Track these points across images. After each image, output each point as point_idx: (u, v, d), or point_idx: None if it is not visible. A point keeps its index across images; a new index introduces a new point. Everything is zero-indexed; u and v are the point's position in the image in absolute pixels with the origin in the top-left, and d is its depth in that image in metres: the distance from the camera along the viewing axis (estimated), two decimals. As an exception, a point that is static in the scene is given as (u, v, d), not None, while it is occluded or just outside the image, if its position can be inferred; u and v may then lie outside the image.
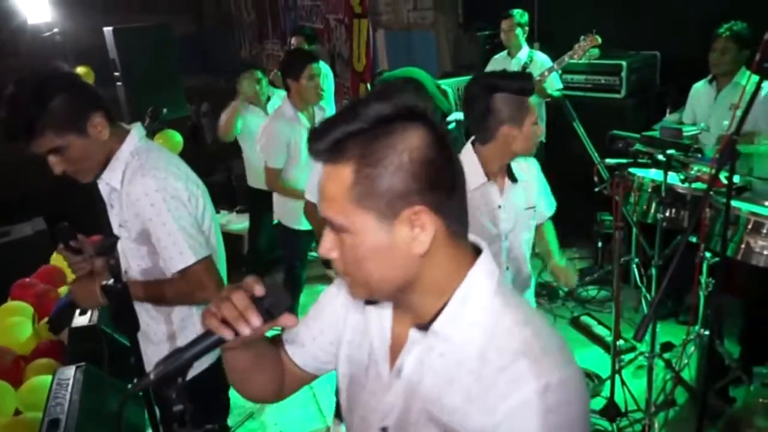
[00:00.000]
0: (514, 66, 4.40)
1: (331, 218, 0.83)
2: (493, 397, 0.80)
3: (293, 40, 4.81)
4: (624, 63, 4.21)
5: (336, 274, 0.93)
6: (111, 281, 1.44)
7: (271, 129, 3.34)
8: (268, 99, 4.07)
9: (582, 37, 3.87)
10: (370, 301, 0.96)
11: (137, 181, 1.63)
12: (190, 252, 1.66)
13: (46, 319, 3.27)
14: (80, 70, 4.92)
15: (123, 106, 6.78)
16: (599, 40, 3.84)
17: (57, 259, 3.85)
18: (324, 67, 4.00)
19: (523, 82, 1.87)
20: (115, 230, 1.76)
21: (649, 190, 2.66)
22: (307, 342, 1.08)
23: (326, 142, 0.82)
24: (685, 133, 2.60)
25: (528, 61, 4.42)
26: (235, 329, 0.85)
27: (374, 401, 0.95)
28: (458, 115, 2.75)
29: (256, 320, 0.85)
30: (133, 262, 1.75)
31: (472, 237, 0.92)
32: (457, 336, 0.85)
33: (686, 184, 2.55)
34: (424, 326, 0.88)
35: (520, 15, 4.46)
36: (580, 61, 4.07)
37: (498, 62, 4.63)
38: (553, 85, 4.26)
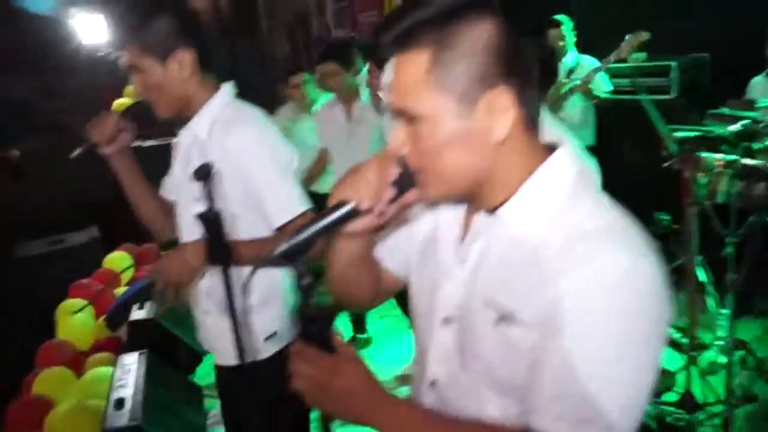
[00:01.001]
0: (560, 71, 4.40)
1: (406, 108, 0.82)
2: (559, 277, 0.77)
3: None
4: (673, 64, 4.18)
5: None
6: (205, 208, 1.37)
7: None
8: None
9: (628, 36, 3.85)
10: (440, 202, 0.95)
11: (235, 130, 1.54)
12: (297, 202, 1.57)
13: (103, 317, 3.29)
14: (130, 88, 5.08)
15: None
16: (646, 36, 3.80)
17: (111, 262, 3.90)
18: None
19: None
20: (191, 192, 1.58)
21: (721, 167, 2.58)
22: (396, 245, 1.07)
23: (397, 32, 0.81)
24: (758, 105, 2.54)
25: (575, 65, 4.41)
26: (368, 202, 0.85)
27: (439, 294, 0.94)
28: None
29: (389, 193, 0.85)
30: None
31: (549, 137, 0.90)
32: (524, 223, 0.84)
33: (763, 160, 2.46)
34: (492, 214, 0.87)
35: (567, 21, 4.47)
36: (626, 65, 4.04)
37: None
38: (600, 86, 4.22)
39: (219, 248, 1.36)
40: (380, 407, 0.83)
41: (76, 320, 3.22)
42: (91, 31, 6.14)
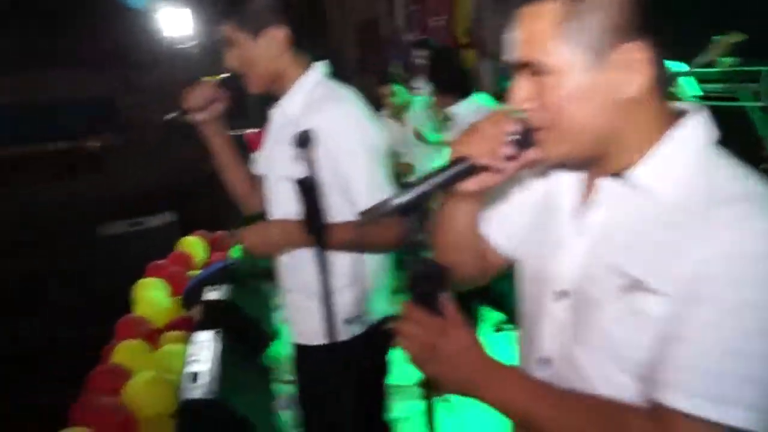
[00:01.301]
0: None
1: (533, 60, 0.79)
2: (701, 242, 0.72)
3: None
4: (765, 69, 3.96)
5: None
6: (304, 175, 1.36)
7: None
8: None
9: (716, 37, 3.68)
10: (560, 165, 0.91)
11: (326, 108, 1.52)
12: (384, 187, 1.53)
13: (179, 297, 3.41)
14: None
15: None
16: (738, 38, 3.62)
17: (185, 244, 4.04)
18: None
19: None
20: (283, 170, 1.61)
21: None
22: (503, 218, 1.02)
23: None
24: None
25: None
26: (487, 158, 0.83)
27: (554, 264, 0.89)
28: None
29: (508, 148, 0.83)
30: (292, 204, 1.54)
31: (679, 103, 0.86)
32: (656, 188, 0.79)
33: None
34: (619, 178, 0.83)
35: None
36: (716, 69, 3.86)
37: None
38: (686, 91, 4.05)
39: (315, 217, 1.36)
40: (488, 374, 0.81)
41: (152, 298, 3.34)
42: (176, 24, 6.37)
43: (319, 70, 1.62)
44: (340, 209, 1.55)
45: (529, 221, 0.98)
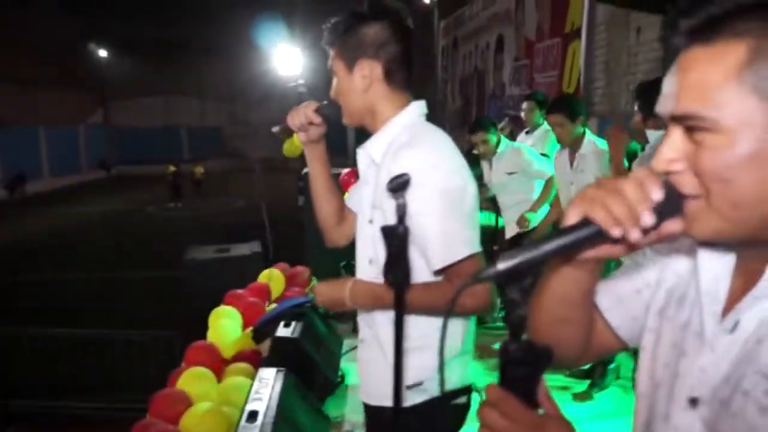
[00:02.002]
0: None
1: (694, 112, 0.64)
2: None
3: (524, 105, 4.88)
4: None
5: None
6: (393, 222, 1.27)
7: None
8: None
9: None
10: (707, 244, 0.73)
11: (404, 155, 1.44)
12: (460, 244, 1.42)
13: (250, 329, 3.40)
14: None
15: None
16: None
17: (265, 277, 4.06)
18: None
19: None
20: (366, 212, 1.60)
21: None
22: (627, 296, 0.85)
23: (704, 15, 0.64)
24: None
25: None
26: (621, 227, 0.65)
27: (687, 366, 0.72)
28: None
29: (648, 218, 0.65)
30: (379, 250, 1.51)
31: None
32: None
33: None
34: None
35: None
36: None
37: None
38: None
39: (396, 269, 1.25)
40: None
41: (225, 327, 3.35)
42: (288, 63, 6.67)
43: (412, 111, 1.55)
44: (420, 267, 1.45)
45: (660, 307, 0.81)
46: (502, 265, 0.64)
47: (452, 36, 13.87)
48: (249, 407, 2.24)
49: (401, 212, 1.21)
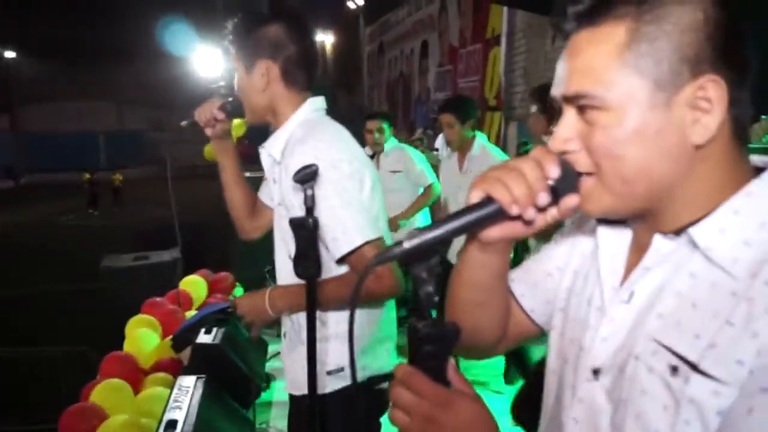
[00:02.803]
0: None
1: (584, 91, 0.67)
2: None
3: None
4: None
5: None
6: (302, 215, 1.27)
7: None
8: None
9: (764, 117, 3.58)
10: (605, 221, 0.76)
11: (297, 151, 1.49)
12: (356, 232, 1.46)
13: (169, 337, 3.27)
14: (237, 121, 5.17)
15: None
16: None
17: (186, 284, 3.93)
18: None
19: None
20: (276, 208, 1.64)
21: None
22: (539, 281, 0.87)
23: (589, 1, 0.67)
24: None
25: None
26: (519, 205, 0.67)
27: (590, 338, 0.74)
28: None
29: (544, 197, 0.67)
30: (292, 245, 1.52)
31: (755, 157, 0.71)
32: (720, 251, 0.64)
33: None
34: (678, 236, 0.68)
35: None
36: (756, 146, 3.74)
37: None
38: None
39: (309, 259, 1.25)
40: None
41: (142, 336, 3.21)
42: (209, 65, 6.51)
43: (307, 108, 1.59)
44: (327, 256, 1.51)
45: (569, 283, 0.83)
46: (407, 244, 0.64)
47: (378, 42, 13.99)
48: (167, 416, 2.14)
49: (309, 203, 1.21)
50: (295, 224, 1.26)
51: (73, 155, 24.29)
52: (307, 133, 1.52)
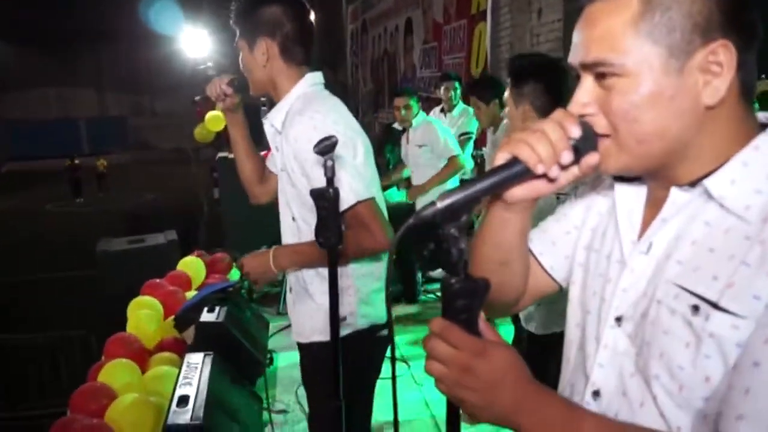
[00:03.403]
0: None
1: (603, 59, 0.72)
2: None
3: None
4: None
5: None
6: (322, 186, 1.35)
7: None
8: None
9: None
10: (621, 179, 0.82)
11: (296, 121, 1.63)
12: (349, 192, 1.59)
13: (171, 317, 3.31)
14: (214, 116, 5.05)
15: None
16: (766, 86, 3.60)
17: (184, 265, 3.96)
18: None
19: None
20: (279, 174, 1.77)
21: None
22: (558, 238, 0.93)
23: None
24: None
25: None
26: (544, 164, 0.72)
27: (611, 289, 0.81)
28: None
29: (567, 155, 0.72)
30: (295, 209, 1.73)
31: (760, 114, 0.77)
32: (733, 199, 0.70)
33: None
34: (693, 188, 0.74)
35: None
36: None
37: None
38: None
39: (331, 228, 1.32)
40: (534, 402, 0.70)
41: (145, 317, 3.25)
42: (196, 45, 6.43)
43: (306, 82, 1.72)
44: None
45: (587, 241, 0.89)
46: (440, 204, 0.69)
47: (361, 20, 13.87)
48: (178, 392, 2.20)
49: (329, 174, 1.27)
50: (316, 195, 1.33)
51: (54, 142, 23.91)
52: (304, 105, 1.66)
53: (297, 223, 1.72)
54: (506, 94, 2.68)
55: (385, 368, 1.69)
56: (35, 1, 19.02)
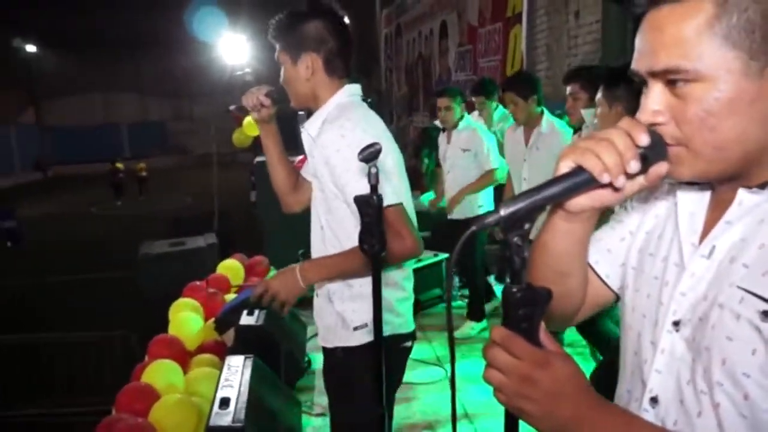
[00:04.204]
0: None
1: (675, 66, 0.69)
2: None
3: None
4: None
5: None
6: (366, 193, 1.35)
7: None
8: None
9: None
10: (689, 183, 0.79)
11: (326, 129, 1.67)
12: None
13: (212, 320, 3.37)
14: (250, 122, 5.13)
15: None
16: None
17: (224, 268, 4.03)
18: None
19: None
20: (313, 181, 1.80)
21: None
22: (613, 246, 0.91)
23: None
24: None
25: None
26: (610, 174, 0.70)
27: (668, 293, 0.78)
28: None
29: (635, 164, 0.69)
30: (322, 215, 1.75)
31: None
32: None
33: None
34: (762, 190, 0.72)
35: None
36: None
37: None
38: None
39: (373, 236, 1.32)
40: (594, 414, 0.69)
41: (186, 319, 3.31)
42: (234, 51, 6.54)
43: (343, 92, 1.75)
44: (352, 223, 1.64)
45: (641, 248, 0.87)
46: (503, 211, 0.67)
47: (395, 24, 13.90)
48: (220, 394, 2.24)
49: (374, 181, 1.27)
50: (360, 201, 1.34)
51: (97, 146, 24.66)
52: (338, 114, 1.69)
53: (324, 232, 1.74)
54: (598, 95, 2.67)
55: (424, 372, 1.69)
56: (77, 8, 19.55)
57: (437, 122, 4.49)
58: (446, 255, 4.48)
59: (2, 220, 11.15)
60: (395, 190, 1.65)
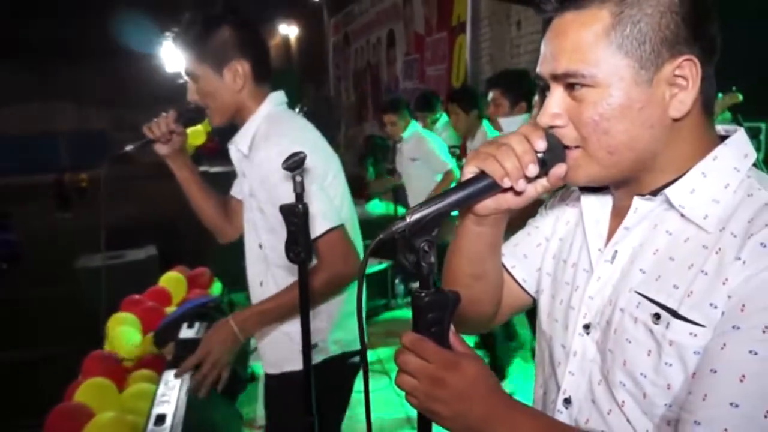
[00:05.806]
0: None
1: (574, 70, 0.73)
2: (736, 268, 0.65)
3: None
4: (763, 125, 4.04)
5: None
6: (291, 202, 1.33)
7: None
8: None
9: (719, 95, 3.73)
10: (588, 190, 0.84)
11: (261, 146, 1.56)
12: (320, 219, 1.52)
13: (151, 334, 3.27)
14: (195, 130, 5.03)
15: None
16: (736, 99, 3.68)
17: (165, 280, 3.92)
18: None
19: None
20: (246, 200, 1.69)
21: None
22: (529, 251, 0.95)
23: None
24: None
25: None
26: (510, 178, 0.74)
27: (578, 297, 0.82)
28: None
29: (533, 168, 0.74)
30: (263, 235, 1.66)
31: (719, 127, 0.80)
32: (692, 208, 0.72)
33: None
34: (655, 197, 0.76)
35: None
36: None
37: None
38: None
39: (299, 246, 1.31)
40: (504, 414, 0.70)
41: (124, 334, 3.20)
42: (174, 60, 6.40)
43: (270, 102, 1.65)
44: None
45: (556, 252, 0.90)
46: (409, 218, 0.70)
47: (343, 32, 13.94)
48: (156, 411, 2.17)
49: (299, 190, 1.27)
50: (285, 211, 1.32)
51: (35, 157, 23.68)
52: (270, 128, 1.59)
53: (264, 251, 1.66)
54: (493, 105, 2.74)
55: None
56: (15, 17, 18.81)
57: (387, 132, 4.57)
58: (390, 263, 4.51)
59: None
60: (337, 210, 1.59)
